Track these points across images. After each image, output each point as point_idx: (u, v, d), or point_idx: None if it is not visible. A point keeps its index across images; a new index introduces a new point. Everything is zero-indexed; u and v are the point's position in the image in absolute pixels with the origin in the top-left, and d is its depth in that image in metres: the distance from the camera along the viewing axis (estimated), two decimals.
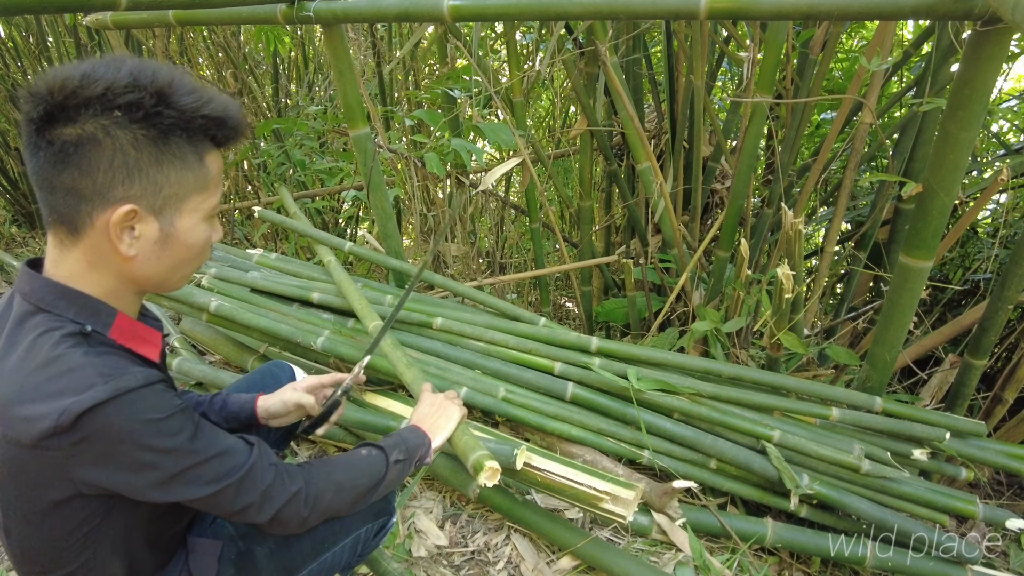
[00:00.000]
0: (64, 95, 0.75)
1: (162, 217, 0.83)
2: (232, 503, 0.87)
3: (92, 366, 0.76)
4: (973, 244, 2.95)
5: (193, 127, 0.82)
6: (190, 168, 0.83)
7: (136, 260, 0.83)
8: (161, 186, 0.81)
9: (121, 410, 0.75)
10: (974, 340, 2.03)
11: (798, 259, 1.78)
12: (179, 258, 0.87)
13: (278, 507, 0.92)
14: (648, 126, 2.92)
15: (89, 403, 0.73)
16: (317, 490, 0.97)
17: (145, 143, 0.78)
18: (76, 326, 0.80)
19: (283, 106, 4.33)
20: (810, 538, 1.73)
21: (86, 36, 3.85)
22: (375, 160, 2.16)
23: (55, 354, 0.76)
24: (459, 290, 2.25)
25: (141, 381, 0.78)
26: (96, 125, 0.76)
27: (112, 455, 0.77)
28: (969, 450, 1.82)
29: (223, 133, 0.86)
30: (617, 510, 1.47)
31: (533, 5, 1.58)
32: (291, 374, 1.40)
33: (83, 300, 0.82)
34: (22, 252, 3.89)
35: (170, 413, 0.80)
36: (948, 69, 2.13)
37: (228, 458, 0.87)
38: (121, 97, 0.76)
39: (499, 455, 1.46)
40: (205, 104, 0.82)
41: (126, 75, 0.76)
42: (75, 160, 0.77)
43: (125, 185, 0.78)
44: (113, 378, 0.76)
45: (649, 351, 1.95)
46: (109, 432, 0.75)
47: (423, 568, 1.60)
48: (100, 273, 0.83)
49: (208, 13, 2.07)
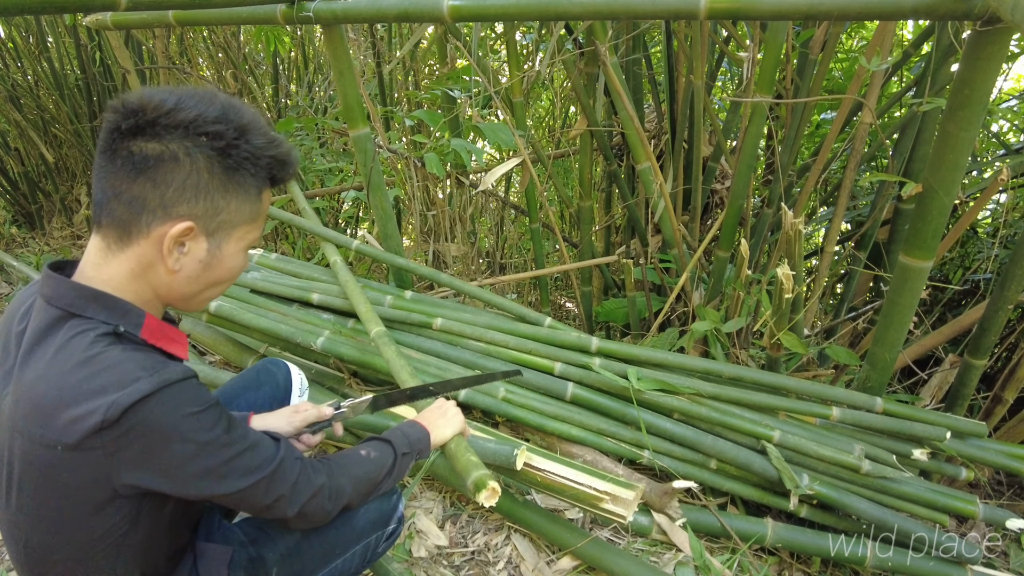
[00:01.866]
0: (157, 114, 0.81)
1: (212, 239, 0.88)
2: (264, 496, 0.89)
3: (133, 360, 0.78)
4: (973, 244, 2.95)
5: (260, 164, 0.89)
6: (249, 200, 0.90)
7: (178, 275, 0.87)
8: (220, 211, 0.87)
9: (165, 402, 0.78)
10: (974, 340, 2.03)
11: (798, 259, 1.78)
12: (215, 280, 0.92)
13: (305, 500, 0.94)
14: (648, 126, 2.92)
15: (137, 395, 0.75)
16: (339, 484, 1.01)
17: (219, 170, 0.85)
18: (108, 327, 0.82)
19: (283, 106, 4.33)
20: (810, 538, 1.73)
21: (86, 36, 3.85)
22: (375, 160, 2.16)
23: (92, 353, 0.78)
24: (467, 290, 2.25)
25: (181, 374, 0.80)
26: (180, 146, 0.82)
27: (154, 449, 0.78)
28: (969, 450, 1.82)
29: (281, 174, 0.93)
30: (617, 510, 1.46)
31: (532, 5, 1.58)
32: (287, 372, 1.40)
33: (113, 302, 0.84)
34: (22, 252, 3.89)
35: (208, 406, 0.82)
36: (948, 69, 2.13)
37: (260, 450, 0.89)
38: (210, 126, 0.83)
39: (499, 455, 1.46)
40: (275, 146, 0.90)
41: (217, 109, 0.84)
42: (151, 173, 0.82)
43: (191, 203, 0.84)
44: (156, 372, 0.78)
45: (649, 351, 1.95)
46: (153, 425, 0.77)
47: (423, 568, 1.60)
48: (140, 283, 0.86)
49: (208, 13, 2.07)
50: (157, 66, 3.60)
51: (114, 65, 3.87)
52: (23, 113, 4.02)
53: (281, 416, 1.25)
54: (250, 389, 1.33)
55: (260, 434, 0.92)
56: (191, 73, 3.89)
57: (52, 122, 4.11)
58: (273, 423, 1.23)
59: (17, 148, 4.16)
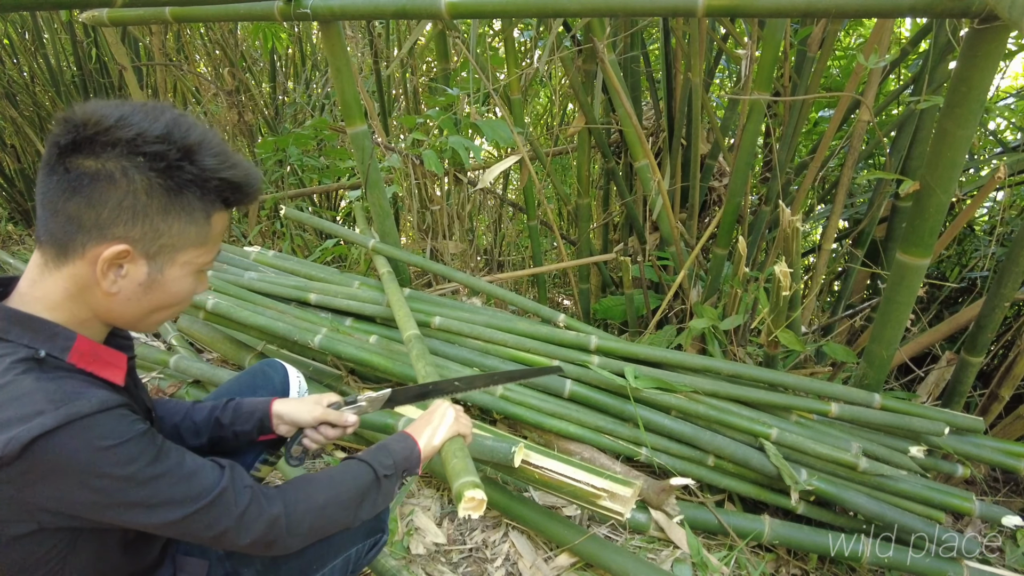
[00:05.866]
0: (96, 130, 0.77)
1: (153, 263, 0.84)
2: (206, 529, 0.85)
3: (42, 391, 0.74)
4: (970, 242, 2.96)
5: (208, 187, 0.84)
6: (195, 223, 0.85)
7: (116, 298, 0.84)
8: (161, 234, 0.83)
9: (73, 436, 0.73)
10: (971, 337, 2.03)
11: (796, 256, 1.78)
12: (158, 304, 0.88)
13: (258, 532, 0.88)
14: (646, 124, 2.92)
15: (38, 431, 0.71)
16: (297, 513, 0.93)
17: (159, 192, 0.81)
18: (29, 351, 0.78)
19: (280, 103, 4.32)
20: (807, 535, 1.74)
21: (82, 33, 3.84)
22: (373, 158, 2.15)
23: (3, 382, 0.74)
24: (480, 287, 2.25)
25: (96, 407, 0.75)
26: (116, 165, 0.78)
27: (67, 484, 0.75)
28: (965, 447, 1.83)
29: (236, 197, 0.88)
30: (615, 507, 1.47)
31: (531, 2, 1.58)
32: (284, 374, 1.36)
33: (39, 325, 0.80)
34: (18, 250, 3.88)
35: (127, 438, 0.77)
36: (945, 67, 2.13)
37: (196, 481, 0.84)
38: (149, 146, 0.79)
39: (497, 452, 1.46)
40: (228, 168, 0.85)
41: (161, 127, 0.80)
42: (86, 191, 0.78)
43: (127, 226, 0.80)
44: (64, 404, 0.74)
45: (649, 349, 1.95)
46: (61, 460, 0.73)
47: (421, 565, 1.60)
48: (75, 303, 0.83)
49: (205, 10, 2.06)
50: (154, 63, 3.59)
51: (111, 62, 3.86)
52: (19, 110, 4.01)
53: (306, 403, 1.20)
54: (246, 392, 1.29)
55: (203, 462, 0.87)
56: (188, 70, 3.88)
57: (48, 119, 4.09)
58: (296, 409, 1.19)
59: (13, 145, 4.15)
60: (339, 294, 2.17)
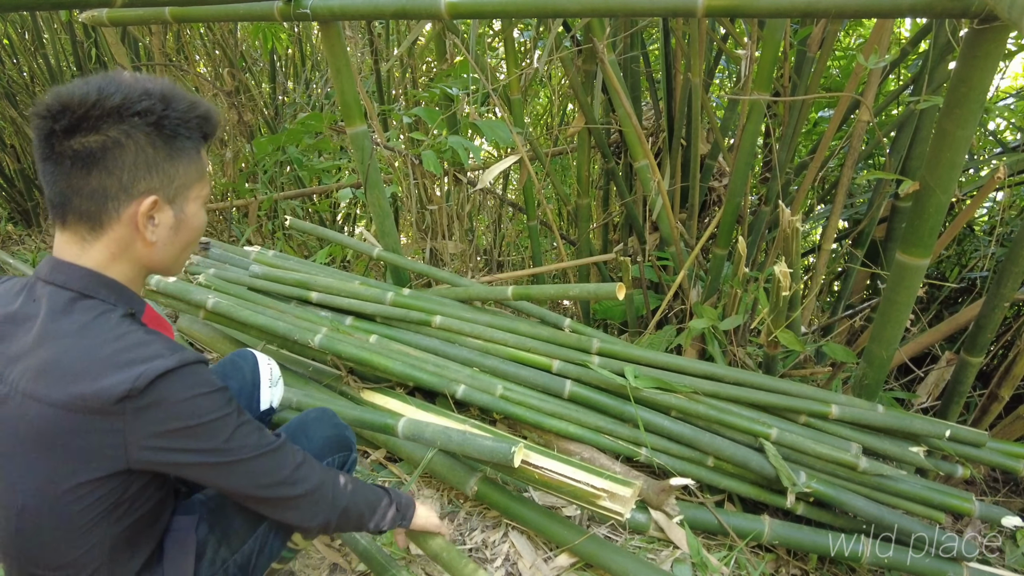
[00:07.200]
0: (86, 108, 0.84)
1: (175, 205, 0.94)
2: (268, 474, 0.96)
3: (158, 340, 0.87)
4: (970, 242, 2.96)
5: (191, 125, 0.93)
6: (193, 160, 0.95)
7: (155, 247, 0.94)
8: (173, 177, 0.92)
9: (183, 379, 0.85)
10: (970, 338, 2.03)
11: (795, 257, 1.78)
12: (186, 241, 0.98)
13: (309, 486, 1.01)
14: (646, 124, 2.92)
15: (161, 369, 0.83)
16: (335, 491, 1.08)
17: (160, 142, 0.90)
18: (126, 309, 0.90)
19: (280, 103, 4.32)
20: (807, 535, 1.74)
21: (82, 33, 3.84)
22: (372, 157, 2.15)
23: (122, 331, 0.86)
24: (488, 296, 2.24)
25: (197, 357, 0.88)
26: (118, 131, 0.86)
27: (170, 421, 0.85)
28: (965, 448, 1.82)
29: (209, 128, 0.98)
30: (614, 507, 1.47)
31: (530, 2, 1.58)
32: (253, 363, 1.43)
33: (119, 288, 0.92)
34: (18, 250, 3.88)
35: (217, 387, 0.89)
36: (945, 67, 2.13)
37: (264, 432, 0.97)
38: (136, 105, 0.87)
39: (497, 453, 1.46)
40: (196, 107, 0.95)
41: (136, 87, 0.88)
42: (102, 163, 0.86)
43: (147, 180, 0.89)
44: (176, 352, 0.86)
45: (651, 354, 1.94)
46: (171, 399, 0.84)
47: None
48: (122, 263, 0.92)
49: (205, 10, 2.06)
50: (154, 63, 3.59)
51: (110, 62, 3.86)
52: (19, 110, 4.01)
53: None
54: None
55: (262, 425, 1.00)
56: (188, 70, 3.88)
57: None
58: None
59: (13, 145, 4.15)
60: (341, 292, 2.17)
